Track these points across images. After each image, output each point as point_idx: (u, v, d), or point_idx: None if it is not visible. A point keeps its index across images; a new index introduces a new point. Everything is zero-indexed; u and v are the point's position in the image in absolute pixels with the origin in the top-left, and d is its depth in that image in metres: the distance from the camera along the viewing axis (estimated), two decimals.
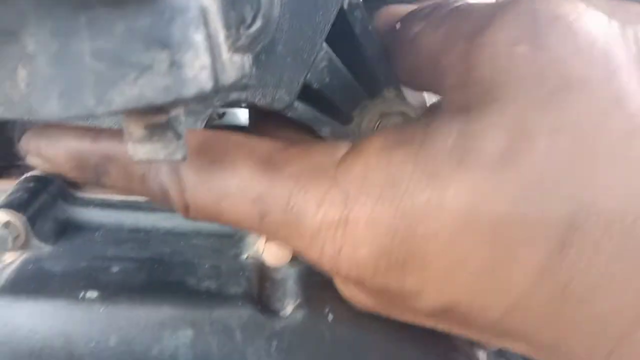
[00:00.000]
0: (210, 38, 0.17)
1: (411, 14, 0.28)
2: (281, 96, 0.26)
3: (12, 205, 0.28)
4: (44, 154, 0.28)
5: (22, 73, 0.26)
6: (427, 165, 0.20)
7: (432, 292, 0.21)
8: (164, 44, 0.16)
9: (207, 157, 0.24)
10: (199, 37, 0.17)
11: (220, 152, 0.24)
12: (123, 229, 0.31)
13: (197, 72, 0.17)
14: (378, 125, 0.30)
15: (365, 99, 0.29)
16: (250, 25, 0.20)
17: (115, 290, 0.26)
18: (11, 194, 0.29)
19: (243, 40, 0.20)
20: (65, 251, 0.29)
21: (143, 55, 0.16)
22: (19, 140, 0.35)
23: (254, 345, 0.26)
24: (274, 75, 0.26)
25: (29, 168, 0.35)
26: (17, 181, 0.33)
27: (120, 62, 0.16)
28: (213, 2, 0.19)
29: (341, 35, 0.28)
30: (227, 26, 0.20)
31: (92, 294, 0.26)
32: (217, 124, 0.41)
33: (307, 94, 0.28)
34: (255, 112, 0.35)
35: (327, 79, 0.28)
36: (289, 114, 0.29)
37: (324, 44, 0.27)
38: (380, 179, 0.21)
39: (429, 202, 0.19)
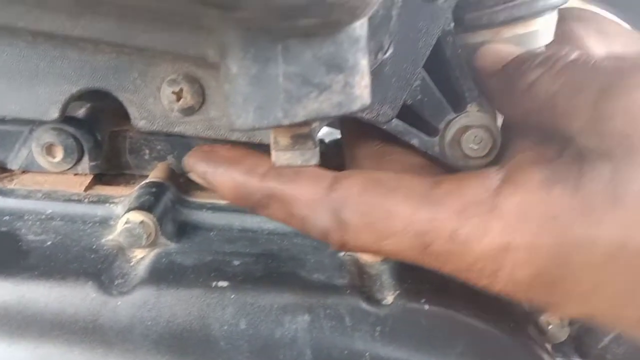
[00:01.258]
0: (367, 62, 0.21)
1: (523, 60, 0.30)
2: (385, 111, 0.30)
3: (143, 207, 0.32)
4: (209, 180, 0.30)
5: (167, 91, 0.30)
6: (584, 203, 0.23)
7: (575, 305, 0.25)
8: (341, 68, 0.20)
9: (369, 201, 0.27)
10: (365, 62, 0.21)
11: (379, 195, 0.27)
12: (233, 229, 0.34)
13: (362, 91, 0.21)
14: (464, 136, 0.33)
15: (450, 113, 0.33)
16: (385, 52, 0.24)
17: (242, 280, 0.30)
18: (138, 197, 0.33)
19: (377, 63, 0.24)
20: (188, 248, 0.32)
21: (325, 77, 0.20)
22: (129, 152, 0.39)
23: (361, 330, 0.30)
24: (380, 93, 0.30)
25: (135, 177, 0.39)
26: (128, 187, 0.37)
27: (306, 83, 0.20)
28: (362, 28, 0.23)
29: (433, 56, 0.32)
30: (369, 52, 0.24)
31: (223, 283, 0.30)
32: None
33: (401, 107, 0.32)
34: (347, 125, 0.38)
35: (419, 96, 0.32)
36: (385, 127, 0.32)
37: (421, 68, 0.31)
38: (540, 211, 0.24)
39: (585, 234, 0.23)
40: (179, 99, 0.28)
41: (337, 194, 0.27)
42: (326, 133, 0.50)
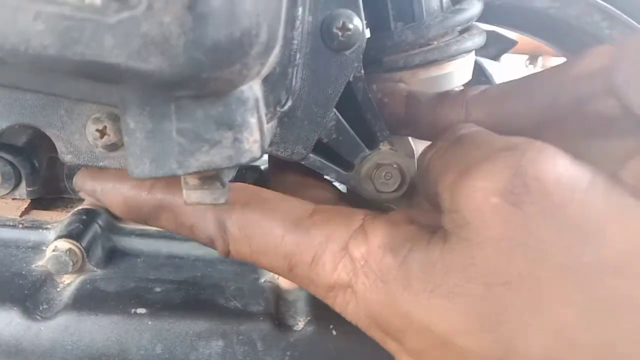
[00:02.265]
0: (260, 119, 0.23)
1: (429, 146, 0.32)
2: (299, 150, 0.33)
3: (71, 235, 0.34)
4: (99, 197, 0.31)
5: (91, 128, 0.32)
6: (404, 280, 0.25)
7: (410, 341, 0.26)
8: (230, 125, 0.22)
9: (249, 216, 0.29)
10: (254, 120, 0.23)
11: (259, 212, 0.29)
12: (160, 256, 0.36)
13: (251, 145, 0.23)
14: (375, 172, 0.36)
15: (364, 151, 0.36)
16: (283, 105, 0.27)
17: (160, 307, 0.32)
18: (68, 224, 0.35)
19: (276, 115, 0.27)
20: (114, 274, 0.34)
21: (215, 133, 0.22)
22: (67, 177, 0.41)
23: (272, 354, 0.32)
24: (293, 134, 0.32)
25: (73, 200, 0.41)
26: (64, 212, 0.39)
27: (198, 138, 0.22)
28: (260, 90, 0.25)
29: (346, 99, 0.34)
30: (267, 105, 0.26)
31: (141, 310, 0.32)
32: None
33: (317, 146, 0.35)
34: (273, 158, 0.41)
35: (334, 135, 0.35)
36: (303, 162, 0.35)
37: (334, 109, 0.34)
38: (375, 269, 0.26)
39: (403, 305, 0.25)
40: (102, 136, 0.30)
41: (223, 205, 0.29)
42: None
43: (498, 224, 0.23)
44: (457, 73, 0.40)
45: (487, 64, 0.79)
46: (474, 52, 0.41)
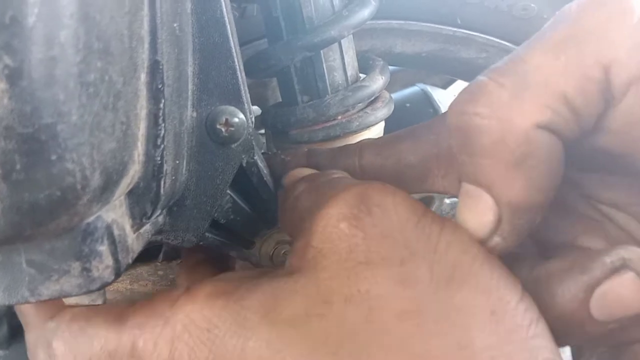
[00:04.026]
0: (113, 243, 0.24)
1: (297, 177, 0.34)
2: (189, 238, 0.34)
3: None
4: None
5: None
6: (238, 316, 0.25)
7: None
8: (77, 257, 0.23)
9: (75, 329, 0.29)
10: (103, 248, 0.24)
11: (84, 320, 0.29)
12: None
13: (102, 272, 0.24)
14: (275, 250, 0.37)
15: (264, 229, 0.37)
16: (150, 216, 0.28)
17: None
18: None
19: (147, 225, 0.28)
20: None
21: (62, 264, 0.23)
22: None
23: None
24: (183, 222, 0.33)
25: None
26: None
27: (47, 269, 0.23)
28: (121, 204, 0.26)
29: (243, 181, 0.35)
30: (133, 217, 0.27)
31: None
32: None
33: (218, 224, 0.36)
34: None
35: (232, 216, 0.35)
36: (202, 243, 0.36)
37: (228, 190, 0.35)
38: (201, 323, 0.26)
39: (236, 347, 0.25)
40: None
41: (51, 325, 0.29)
42: None
43: (344, 247, 0.25)
44: None
45: (436, 93, 0.80)
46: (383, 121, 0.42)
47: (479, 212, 0.25)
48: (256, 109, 0.59)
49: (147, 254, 0.47)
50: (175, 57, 0.28)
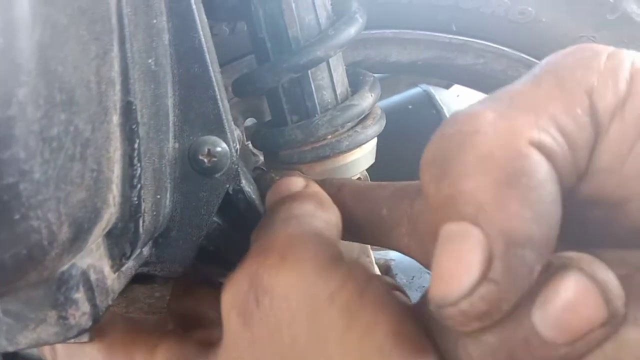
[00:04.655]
0: (90, 289, 0.24)
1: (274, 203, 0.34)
2: (176, 269, 0.33)
3: None
4: None
5: None
6: None
7: None
8: (53, 305, 0.23)
9: None
10: (78, 295, 0.24)
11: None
12: None
13: (79, 319, 0.24)
14: None
15: None
16: (129, 256, 0.27)
17: None
18: None
19: (128, 263, 0.28)
20: None
21: (39, 313, 0.23)
22: None
23: None
24: (169, 253, 0.33)
25: None
26: None
27: (23, 318, 0.23)
28: (98, 247, 0.26)
29: (230, 209, 0.35)
30: (112, 258, 0.27)
31: None
32: None
33: (207, 251, 0.35)
34: None
35: (220, 243, 0.35)
36: (190, 271, 0.36)
37: (215, 218, 0.34)
38: None
39: None
40: None
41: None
42: None
43: (234, 341, 0.25)
44: (356, 162, 0.40)
45: (439, 93, 0.78)
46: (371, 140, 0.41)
47: (462, 255, 0.19)
48: (252, 121, 0.58)
49: (144, 275, 0.47)
50: (151, 93, 0.28)
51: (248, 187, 0.35)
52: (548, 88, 0.21)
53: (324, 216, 0.30)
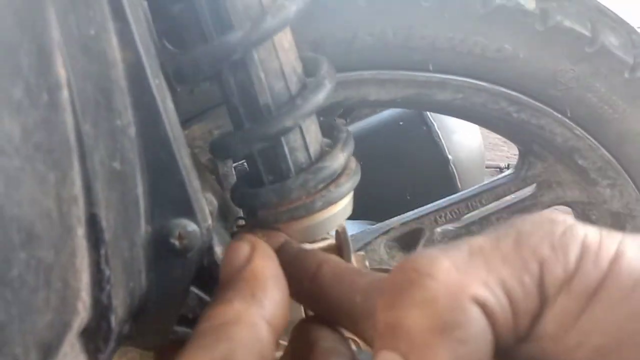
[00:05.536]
0: None
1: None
2: (157, 341, 0.35)
3: None
4: None
5: None
6: None
7: None
8: None
9: None
10: None
11: None
12: None
13: None
14: None
15: None
16: (105, 350, 0.29)
17: None
18: None
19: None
20: None
21: None
22: None
23: None
24: (149, 328, 0.34)
25: None
26: None
27: None
28: (73, 347, 0.27)
29: (207, 277, 0.36)
30: (88, 352, 0.28)
31: None
32: None
33: (185, 319, 0.37)
34: None
35: (199, 311, 0.37)
36: (170, 336, 0.37)
37: (192, 288, 0.36)
38: None
39: None
40: None
41: None
42: None
43: None
44: (332, 218, 0.41)
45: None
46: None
47: None
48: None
49: None
50: (119, 194, 0.29)
51: (223, 253, 0.36)
52: (505, 250, 0.23)
53: (252, 319, 0.29)
